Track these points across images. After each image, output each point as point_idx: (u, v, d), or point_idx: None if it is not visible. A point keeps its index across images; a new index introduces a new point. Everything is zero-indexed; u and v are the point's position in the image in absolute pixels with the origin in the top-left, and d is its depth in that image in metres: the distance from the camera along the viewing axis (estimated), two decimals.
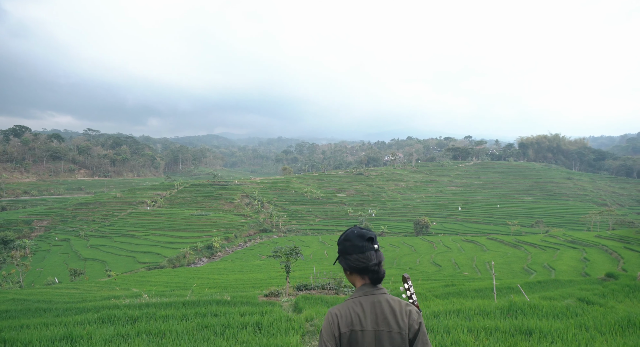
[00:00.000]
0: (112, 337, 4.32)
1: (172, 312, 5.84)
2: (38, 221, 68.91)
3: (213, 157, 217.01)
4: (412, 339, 1.84)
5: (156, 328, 4.64)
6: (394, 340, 1.80)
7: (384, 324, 1.82)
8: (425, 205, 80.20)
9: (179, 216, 66.11)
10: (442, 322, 4.40)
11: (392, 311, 1.84)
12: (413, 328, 1.84)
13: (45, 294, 19.38)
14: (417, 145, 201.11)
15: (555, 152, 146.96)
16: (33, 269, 43.14)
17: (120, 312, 5.71)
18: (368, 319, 1.82)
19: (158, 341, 4.27)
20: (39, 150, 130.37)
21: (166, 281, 28.10)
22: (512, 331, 4.09)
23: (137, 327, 4.66)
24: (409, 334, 1.83)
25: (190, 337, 4.36)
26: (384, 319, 1.82)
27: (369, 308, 1.85)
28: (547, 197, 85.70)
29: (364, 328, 1.81)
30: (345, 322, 1.83)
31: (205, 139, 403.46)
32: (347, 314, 1.83)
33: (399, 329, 1.81)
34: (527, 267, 29.97)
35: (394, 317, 1.83)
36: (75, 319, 5.42)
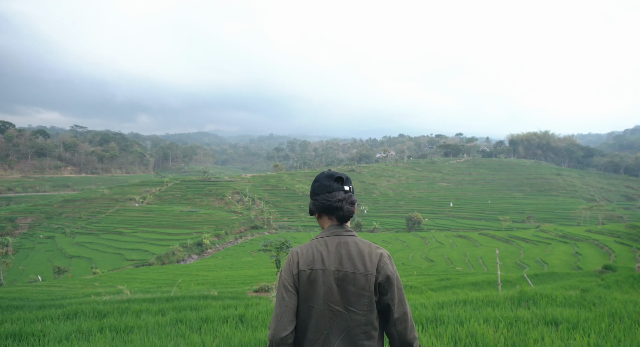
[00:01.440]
0: (70, 334, 3.73)
1: (147, 306, 5.27)
2: (22, 218, 67.18)
3: (204, 155, 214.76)
4: (383, 283, 1.63)
5: (123, 323, 4.06)
6: (358, 281, 1.61)
7: (348, 265, 1.63)
8: (417, 201, 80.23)
9: (169, 212, 65.01)
10: (451, 312, 3.90)
11: (360, 252, 1.66)
12: (383, 271, 1.64)
13: (23, 291, 18.55)
14: (409, 142, 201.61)
15: (545, 149, 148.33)
16: (16, 267, 41.91)
17: (89, 307, 5.11)
18: (331, 258, 1.65)
19: (123, 337, 3.70)
20: (23, 146, 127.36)
21: (153, 278, 27.35)
22: (535, 321, 3.60)
23: (101, 323, 4.08)
24: (378, 277, 1.63)
25: (161, 332, 3.79)
26: (349, 259, 1.64)
27: (334, 247, 1.67)
28: (537, 193, 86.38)
29: (325, 267, 1.63)
30: (306, 261, 1.65)
31: (196, 136, 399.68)
32: (309, 253, 1.67)
33: (365, 270, 1.62)
34: (519, 261, 29.86)
35: (361, 258, 1.64)
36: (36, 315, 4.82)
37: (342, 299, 1.63)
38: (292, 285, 1.66)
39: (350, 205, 1.76)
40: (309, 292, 1.64)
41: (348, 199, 1.75)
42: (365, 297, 1.62)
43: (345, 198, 1.74)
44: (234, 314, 4.47)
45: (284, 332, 1.59)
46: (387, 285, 1.64)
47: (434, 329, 3.40)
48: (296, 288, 1.67)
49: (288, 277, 1.67)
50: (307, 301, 1.65)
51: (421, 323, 3.63)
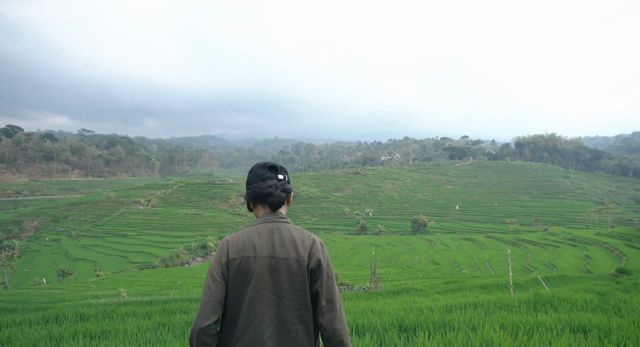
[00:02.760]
0: (38, 341, 3.46)
1: (135, 309, 5.00)
2: (28, 221, 67.58)
3: (209, 158, 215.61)
4: (314, 269, 1.62)
5: (100, 328, 3.80)
6: (291, 267, 1.60)
7: (281, 251, 1.61)
8: (423, 204, 79.58)
9: (173, 215, 65.01)
10: (462, 317, 3.57)
11: (292, 238, 1.65)
12: (315, 257, 1.63)
13: (24, 294, 18.40)
14: (414, 145, 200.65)
15: (552, 152, 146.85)
16: (21, 270, 41.99)
17: (72, 310, 4.86)
18: (263, 245, 1.62)
19: (97, 344, 3.43)
20: (31, 150, 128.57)
21: (157, 281, 27.17)
22: (559, 327, 3.23)
23: (76, 328, 3.81)
24: (310, 263, 1.62)
25: (141, 338, 3.52)
26: (282, 246, 1.62)
27: (266, 234, 1.65)
28: (544, 196, 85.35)
29: (257, 254, 1.61)
30: (236, 248, 1.63)
31: (201, 139, 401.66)
32: (240, 240, 1.64)
33: (298, 255, 1.61)
34: (527, 265, 29.30)
35: (294, 245, 1.63)
36: (13, 319, 4.57)
37: (274, 286, 1.59)
38: (219, 274, 1.61)
39: (282, 192, 1.73)
40: (239, 280, 1.60)
41: (281, 187, 1.74)
42: (298, 283, 1.60)
43: (278, 185, 1.73)
44: None
45: (206, 322, 1.53)
46: (318, 271, 1.62)
47: (442, 336, 3.09)
48: (224, 277, 1.62)
49: (217, 266, 1.62)
50: (238, 289, 1.61)
51: (428, 329, 3.32)
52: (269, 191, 1.71)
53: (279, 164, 1.80)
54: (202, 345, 1.55)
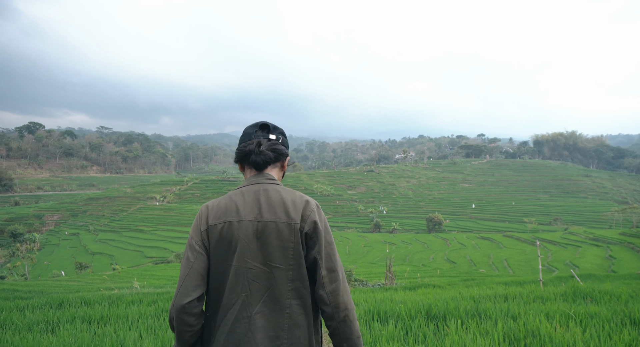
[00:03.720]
0: (33, 325, 3.28)
1: (140, 297, 4.82)
2: (49, 215, 69.30)
3: (224, 155, 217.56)
4: (310, 233, 1.36)
5: (99, 313, 3.60)
6: (282, 232, 1.34)
7: (269, 214, 1.36)
8: (438, 202, 78.45)
9: (188, 211, 65.66)
10: (496, 306, 3.22)
11: (282, 200, 1.39)
12: (309, 219, 1.36)
13: (42, 285, 18.69)
14: (429, 143, 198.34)
15: (572, 150, 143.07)
16: (41, 263, 42.99)
17: (76, 297, 4.71)
18: (248, 208, 1.37)
19: (95, 328, 3.24)
20: (52, 146, 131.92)
21: (171, 275, 27.32)
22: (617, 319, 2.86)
23: (74, 312, 3.64)
24: (304, 227, 1.36)
25: (141, 324, 3.31)
26: (269, 208, 1.37)
27: (252, 196, 1.40)
28: (564, 195, 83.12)
29: (241, 218, 1.35)
30: (217, 214, 1.38)
31: (216, 137, 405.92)
32: (222, 205, 1.40)
33: (288, 218, 1.35)
34: (547, 264, 28.39)
35: (283, 207, 1.37)
36: (16, 304, 4.45)
37: (263, 254, 1.34)
38: (199, 244, 1.37)
39: (271, 151, 1.47)
40: (223, 249, 1.35)
41: (269, 146, 1.47)
42: (290, 250, 1.35)
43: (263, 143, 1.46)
44: None
45: (186, 299, 1.28)
46: (314, 235, 1.36)
47: (477, 325, 2.76)
48: (205, 247, 1.37)
49: (195, 235, 1.38)
50: (221, 260, 1.35)
51: (459, 317, 2.99)
52: (250, 148, 1.45)
53: (274, 124, 1.54)
54: (184, 326, 1.29)
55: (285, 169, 1.58)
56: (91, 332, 3.09)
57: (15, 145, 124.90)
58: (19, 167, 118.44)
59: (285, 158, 1.55)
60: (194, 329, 1.32)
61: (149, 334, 3.05)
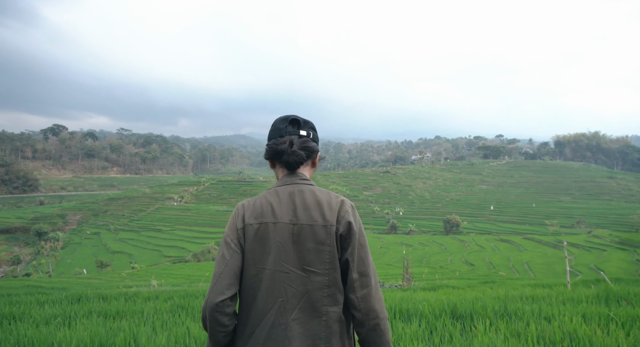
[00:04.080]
0: (51, 319, 3.32)
1: (157, 293, 4.83)
2: (72, 215, 71.26)
3: (240, 156, 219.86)
4: (344, 234, 1.32)
5: (115, 308, 3.62)
6: (317, 235, 1.30)
7: (304, 216, 1.32)
8: (455, 204, 77.21)
9: (205, 211, 66.52)
10: (526, 306, 3.05)
11: (317, 201, 1.35)
12: (344, 220, 1.32)
13: (64, 282, 19.19)
14: (446, 144, 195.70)
15: (595, 151, 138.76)
16: (64, 261, 44.22)
17: (94, 292, 4.77)
18: (284, 209, 1.34)
19: (110, 323, 3.24)
20: (75, 148, 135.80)
21: (188, 274, 27.67)
22: None
23: (90, 307, 3.67)
24: (339, 228, 1.32)
25: (157, 319, 3.30)
26: (304, 210, 1.33)
27: (286, 197, 1.37)
28: (587, 197, 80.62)
29: (277, 220, 1.32)
30: (253, 213, 1.35)
31: (232, 138, 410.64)
32: (258, 205, 1.36)
33: (324, 221, 1.31)
34: (571, 268, 27.48)
35: (319, 208, 1.34)
36: (37, 298, 4.54)
37: (299, 258, 1.30)
38: (235, 242, 1.33)
39: (302, 150, 1.41)
40: (258, 251, 1.32)
41: (300, 144, 1.41)
42: (325, 253, 1.30)
43: (295, 141, 1.41)
44: None
45: (220, 297, 1.25)
46: (348, 236, 1.32)
47: (508, 326, 2.61)
48: (241, 246, 1.33)
49: (231, 232, 1.35)
50: (256, 262, 1.31)
51: (488, 317, 2.85)
52: (282, 147, 1.40)
53: (304, 119, 1.47)
54: (217, 326, 1.25)
55: (317, 165, 1.54)
56: (106, 326, 3.10)
57: (40, 147, 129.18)
58: (43, 168, 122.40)
59: (317, 154, 1.51)
60: (227, 329, 1.28)
61: (163, 329, 3.03)
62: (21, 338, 2.59)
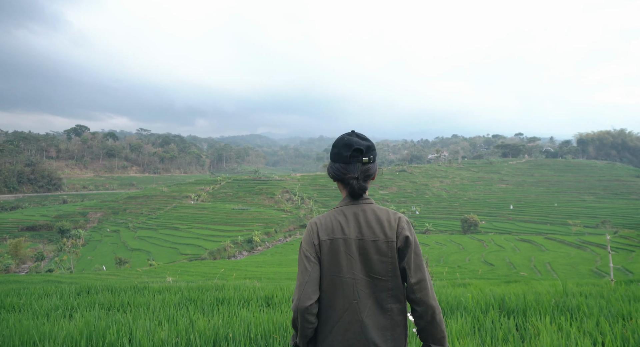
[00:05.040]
0: (52, 310, 3.14)
1: (168, 286, 4.65)
2: (92, 213, 72.92)
3: (255, 156, 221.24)
4: (403, 247, 1.61)
5: (120, 300, 3.43)
6: (380, 249, 1.61)
7: (368, 233, 1.62)
8: (473, 203, 75.68)
9: (221, 210, 67.04)
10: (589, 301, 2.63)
11: (378, 219, 1.64)
12: (402, 235, 1.62)
13: (84, 278, 19.47)
14: (463, 142, 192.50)
15: (620, 149, 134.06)
16: (85, 257, 45.19)
17: (104, 284, 4.62)
18: (351, 227, 1.63)
19: (113, 315, 3.04)
20: (96, 148, 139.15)
21: (204, 272, 27.81)
22: None
23: (93, 299, 3.50)
24: (397, 242, 1.62)
25: (163, 311, 3.09)
26: (368, 228, 1.63)
27: (352, 217, 1.65)
28: (612, 196, 77.79)
29: (346, 236, 1.62)
30: (326, 231, 1.65)
31: (248, 138, 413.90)
32: (329, 222, 1.66)
33: (385, 237, 1.61)
34: (596, 269, 26.50)
35: (380, 226, 1.62)
36: (45, 289, 4.41)
37: (366, 268, 1.61)
38: (314, 255, 1.63)
39: (364, 181, 1.69)
40: (332, 262, 1.62)
41: (364, 173, 1.69)
42: (388, 264, 1.61)
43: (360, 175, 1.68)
44: (260, 295, 3.66)
45: (309, 302, 1.57)
46: (406, 248, 1.61)
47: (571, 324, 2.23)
48: (318, 258, 1.64)
49: (309, 247, 1.64)
50: (331, 271, 1.62)
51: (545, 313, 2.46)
52: (350, 182, 1.66)
53: (365, 144, 1.68)
54: (306, 324, 1.57)
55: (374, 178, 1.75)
56: (108, 319, 2.91)
57: (63, 147, 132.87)
58: (67, 168, 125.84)
59: (376, 172, 1.73)
60: (314, 326, 1.59)
61: (169, 323, 2.81)
62: (6, 330, 2.41)
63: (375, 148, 1.73)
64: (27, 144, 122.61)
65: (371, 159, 1.70)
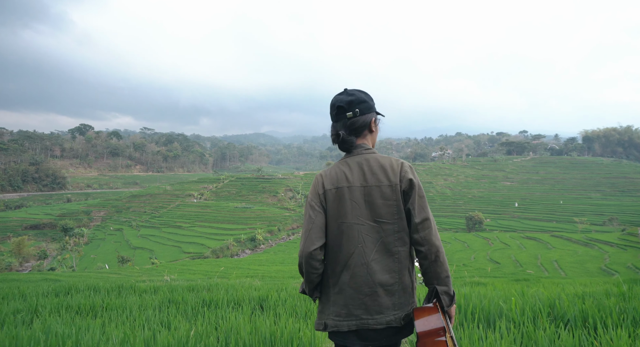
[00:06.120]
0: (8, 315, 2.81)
1: (155, 285, 4.33)
2: (96, 211, 73.03)
3: (259, 154, 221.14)
4: (407, 190, 1.64)
5: (90, 303, 3.11)
6: (384, 193, 1.64)
7: (373, 180, 1.66)
8: (478, 201, 75.07)
9: (224, 208, 66.90)
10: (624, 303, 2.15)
11: (382, 166, 1.68)
12: (406, 178, 1.65)
13: (85, 277, 19.24)
14: (467, 140, 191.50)
15: (627, 146, 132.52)
16: (88, 256, 45.18)
17: (84, 284, 4.31)
18: (355, 176, 1.68)
19: (79, 320, 2.71)
20: (100, 147, 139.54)
21: (206, 270, 27.57)
22: None
23: (60, 301, 3.17)
24: (402, 185, 1.64)
25: (140, 315, 2.76)
26: (372, 175, 1.66)
27: (356, 166, 1.70)
28: (619, 193, 76.90)
29: (351, 184, 1.66)
30: (331, 180, 1.70)
31: (252, 137, 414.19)
32: (333, 173, 1.71)
33: (389, 181, 1.64)
34: (605, 267, 25.99)
35: (384, 172, 1.66)
36: (20, 290, 4.11)
37: (371, 213, 1.64)
38: (318, 204, 1.68)
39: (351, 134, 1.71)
40: (337, 209, 1.66)
41: (349, 128, 1.71)
42: (393, 207, 1.63)
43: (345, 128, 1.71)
44: (253, 296, 3.31)
45: (313, 247, 1.61)
46: (410, 191, 1.63)
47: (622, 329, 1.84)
48: (323, 207, 1.67)
49: (314, 197, 1.69)
50: (337, 218, 1.65)
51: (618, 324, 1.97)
52: (334, 139, 1.71)
53: (347, 99, 1.69)
54: (311, 269, 1.60)
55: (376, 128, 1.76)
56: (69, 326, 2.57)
57: (68, 146, 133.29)
58: (71, 166, 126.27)
59: (370, 122, 1.72)
60: (318, 272, 1.63)
61: (138, 329, 2.46)
62: None
63: (364, 100, 1.71)
64: (31, 143, 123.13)
65: (357, 112, 1.70)
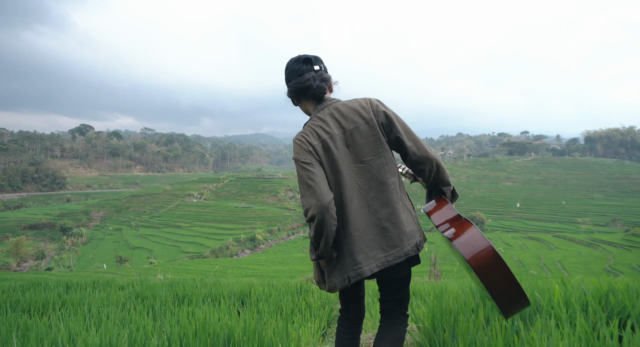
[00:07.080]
0: None
1: (134, 282, 3.99)
2: (95, 211, 72.75)
3: (259, 155, 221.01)
4: (384, 122, 1.66)
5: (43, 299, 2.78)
6: (363, 132, 1.65)
7: (349, 124, 1.67)
8: (479, 201, 74.62)
9: (224, 208, 66.55)
10: None
11: (353, 109, 1.68)
12: (379, 111, 1.67)
13: (80, 276, 18.93)
14: (469, 141, 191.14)
15: (629, 147, 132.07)
16: (86, 256, 44.84)
17: (55, 280, 3.97)
18: (332, 126, 1.68)
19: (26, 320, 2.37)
20: (100, 147, 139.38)
21: (204, 270, 27.27)
22: None
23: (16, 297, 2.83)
24: (378, 119, 1.66)
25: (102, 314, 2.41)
26: (346, 120, 1.67)
27: (328, 117, 1.70)
28: (622, 194, 76.40)
29: (331, 134, 1.67)
30: (313, 137, 1.68)
31: (253, 137, 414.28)
32: (312, 131, 1.69)
33: (364, 120, 1.66)
34: (609, 267, 25.57)
35: (357, 113, 1.67)
36: None
37: (357, 156, 1.66)
38: (312, 159, 1.66)
39: (321, 81, 1.73)
40: (329, 161, 1.67)
41: (320, 76, 1.73)
42: (375, 142, 1.66)
43: (315, 77, 1.72)
44: (232, 290, 2.97)
45: (329, 197, 1.57)
46: (388, 121, 1.66)
47: None
48: (318, 161, 1.66)
49: (306, 155, 1.66)
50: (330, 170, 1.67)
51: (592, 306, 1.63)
52: (308, 84, 1.69)
53: (313, 55, 1.74)
54: (332, 221, 1.53)
55: (332, 90, 1.78)
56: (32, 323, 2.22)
57: (68, 146, 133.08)
58: (71, 167, 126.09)
59: (330, 82, 1.76)
60: (336, 222, 1.57)
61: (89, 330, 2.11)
62: None
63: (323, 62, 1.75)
64: (31, 144, 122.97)
65: (322, 68, 1.73)
